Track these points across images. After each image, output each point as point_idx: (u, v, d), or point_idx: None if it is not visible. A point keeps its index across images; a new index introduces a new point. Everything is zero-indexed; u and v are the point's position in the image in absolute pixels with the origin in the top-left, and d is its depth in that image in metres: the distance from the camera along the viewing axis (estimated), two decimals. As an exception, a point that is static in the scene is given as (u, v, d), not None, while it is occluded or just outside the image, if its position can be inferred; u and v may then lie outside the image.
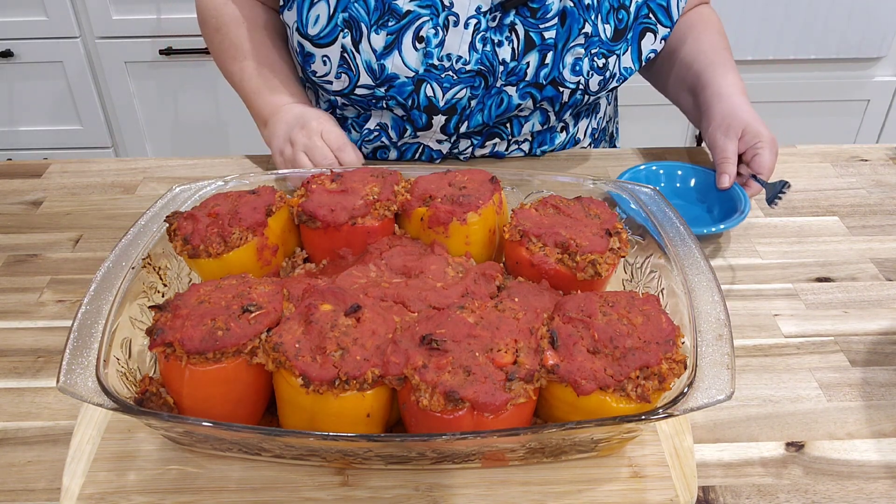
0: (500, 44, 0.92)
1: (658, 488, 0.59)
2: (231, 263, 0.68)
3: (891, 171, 1.06)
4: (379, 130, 1.00)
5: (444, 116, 0.95)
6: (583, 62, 0.94)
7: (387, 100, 0.94)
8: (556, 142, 1.04)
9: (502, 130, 1.00)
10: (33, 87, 2.05)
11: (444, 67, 0.92)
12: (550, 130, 1.03)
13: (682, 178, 0.99)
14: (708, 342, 0.57)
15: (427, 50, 0.91)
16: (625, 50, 0.97)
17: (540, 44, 0.93)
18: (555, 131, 1.04)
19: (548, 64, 0.93)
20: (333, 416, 0.54)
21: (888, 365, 0.73)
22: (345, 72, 0.94)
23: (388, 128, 0.99)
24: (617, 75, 0.98)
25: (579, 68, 0.94)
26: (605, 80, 0.97)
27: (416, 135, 0.99)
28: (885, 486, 0.62)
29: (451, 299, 0.62)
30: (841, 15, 1.93)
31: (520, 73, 0.93)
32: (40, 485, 0.62)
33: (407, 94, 0.93)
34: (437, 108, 0.94)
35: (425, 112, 0.94)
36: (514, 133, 1.00)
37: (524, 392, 0.54)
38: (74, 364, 0.54)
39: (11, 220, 0.96)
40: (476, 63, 0.92)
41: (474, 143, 1.01)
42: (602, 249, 0.66)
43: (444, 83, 0.92)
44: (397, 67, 0.92)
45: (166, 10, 1.93)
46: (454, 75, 0.92)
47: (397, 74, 0.92)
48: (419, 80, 0.92)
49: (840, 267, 0.87)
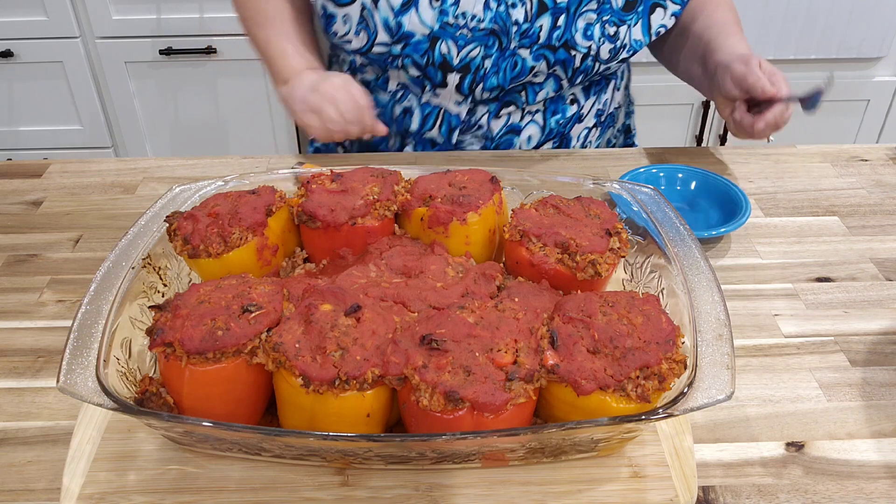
0: (514, 5, 0.95)
1: (658, 488, 0.59)
2: (231, 263, 0.68)
3: (891, 171, 1.06)
4: (403, 89, 1.03)
5: (459, 74, 0.98)
6: (594, 27, 0.97)
7: (403, 58, 0.97)
8: (567, 113, 1.06)
9: (517, 99, 1.02)
10: (33, 87, 2.05)
11: (459, 25, 0.95)
12: (562, 100, 1.05)
13: (683, 181, 0.99)
14: (708, 342, 0.57)
15: (442, 8, 0.94)
16: (636, 21, 1.00)
17: (552, 7, 0.96)
18: (565, 102, 1.06)
19: (560, 26, 0.96)
20: (333, 416, 0.54)
21: (888, 365, 0.73)
22: (363, 29, 0.97)
23: (408, 86, 1.03)
24: (627, 46, 1.01)
25: (591, 33, 0.97)
26: (616, 49, 0.99)
27: (435, 92, 1.01)
28: (885, 486, 0.62)
29: (451, 299, 0.62)
30: (841, 15, 1.93)
31: (533, 36, 0.96)
32: (40, 485, 0.62)
33: (422, 51, 0.96)
34: (451, 66, 0.97)
35: (440, 69, 0.97)
36: (528, 100, 1.02)
37: (524, 392, 0.54)
38: (74, 364, 0.54)
39: (11, 220, 0.96)
40: (490, 22, 0.95)
41: (491, 110, 1.03)
42: (602, 249, 0.66)
43: (459, 41, 0.95)
44: (413, 25, 0.95)
45: (166, 10, 1.93)
46: (468, 33, 0.95)
47: (413, 32, 0.95)
48: (434, 37, 0.95)
49: (840, 267, 0.87)
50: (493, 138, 1.06)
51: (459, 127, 1.04)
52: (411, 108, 1.04)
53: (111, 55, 1.99)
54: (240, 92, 2.05)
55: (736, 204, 0.92)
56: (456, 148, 1.07)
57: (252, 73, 2.02)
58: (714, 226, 0.90)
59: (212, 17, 1.94)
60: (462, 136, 1.05)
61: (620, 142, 1.25)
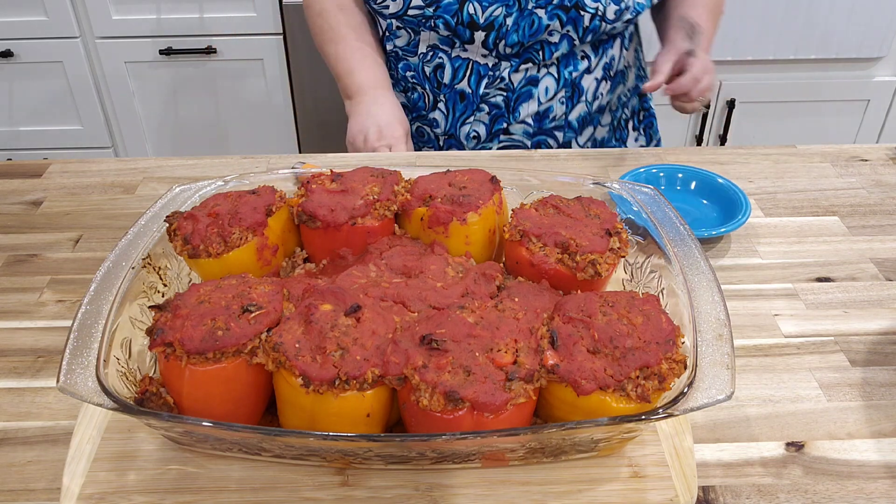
0: None
1: (658, 488, 0.59)
2: (231, 263, 0.68)
3: (891, 171, 1.06)
4: (433, 50, 1.16)
5: (484, 32, 1.10)
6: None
7: (435, 18, 1.10)
8: (579, 67, 1.17)
9: (535, 56, 1.14)
10: (33, 87, 2.05)
11: None
12: (574, 56, 1.17)
13: (683, 181, 0.99)
14: (708, 342, 0.57)
15: None
16: None
17: None
18: (577, 58, 1.17)
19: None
20: (333, 416, 0.54)
21: (888, 365, 0.73)
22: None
23: (438, 46, 1.15)
24: (631, 7, 1.13)
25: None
26: (621, 10, 1.12)
27: (464, 48, 1.14)
28: (885, 486, 0.62)
29: (451, 299, 0.62)
30: (841, 15, 1.93)
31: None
32: (40, 485, 0.62)
33: (452, 12, 1.09)
34: (477, 24, 1.10)
35: (468, 27, 1.10)
36: (545, 57, 1.14)
37: (524, 392, 0.54)
38: (74, 364, 0.54)
39: (11, 220, 0.96)
40: None
41: (512, 64, 1.14)
42: (602, 249, 0.66)
43: (484, 2, 1.08)
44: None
45: (166, 10, 1.93)
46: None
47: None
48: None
49: (840, 267, 0.87)
50: (514, 90, 1.16)
51: (486, 77, 1.15)
52: (443, 64, 1.16)
53: (111, 55, 1.99)
54: (240, 92, 2.05)
55: (736, 204, 0.92)
56: (482, 100, 1.17)
57: (252, 73, 2.02)
58: (714, 226, 0.90)
59: (212, 17, 1.94)
60: (487, 88, 1.16)
61: (634, 103, 1.32)
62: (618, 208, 0.75)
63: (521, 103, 1.17)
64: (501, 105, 1.17)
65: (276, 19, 1.95)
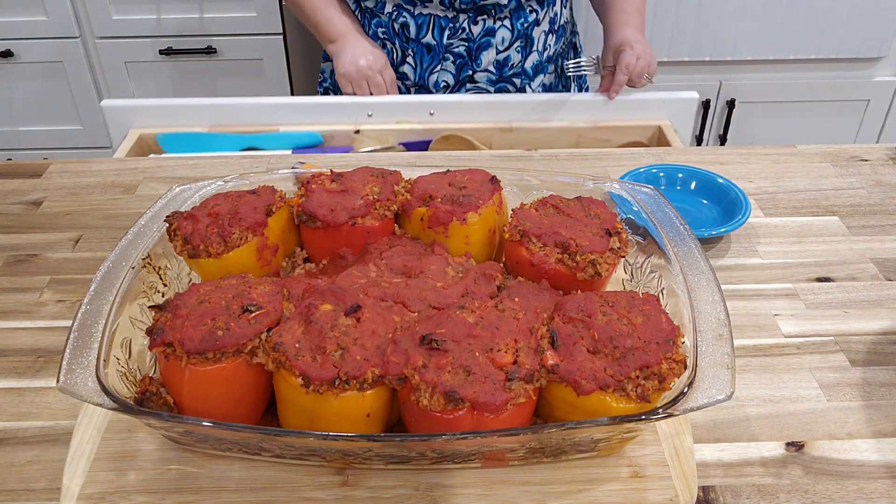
0: None
1: (658, 488, 0.59)
2: (231, 263, 0.68)
3: (891, 171, 1.06)
4: (398, 10, 1.28)
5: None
6: None
7: None
8: (528, 19, 1.31)
9: (488, 9, 1.26)
10: (33, 87, 2.05)
11: None
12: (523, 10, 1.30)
13: (683, 181, 0.99)
14: (708, 342, 0.57)
15: None
16: None
17: None
18: (526, 11, 1.30)
19: None
20: (333, 416, 0.54)
21: (888, 365, 0.73)
22: None
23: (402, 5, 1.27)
24: None
25: None
26: None
27: (425, 5, 1.26)
28: (885, 486, 0.62)
29: (451, 299, 0.62)
30: (841, 15, 1.93)
31: None
32: (40, 485, 0.62)
33: None
34: None
35: None
36: (497, 10, 1.27)
37: (524, 392, 0.54)
38: (74, 364, 0.54)
39: (11, 220, 0.96)
40: None
41: (470, 16, 1.27)
42: (602, 249, 0.66)
43: None
44: None
45: (166, 10, 1.93)
46: None
47: None
48: None
49: (840, 267, 0.87)
50: (473, 39, 1.29)
51: (447, 28, 1.27)
52: (407, 22, 1.28)
53: (111, 55, 1.99)
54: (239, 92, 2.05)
55: (736, 204, 0.92)
56: (447, 50, 1.29)
57: (252, 73, 2.02)
58: (714, 226, 0.90)
59: (212, 17, 1.94)
60: (450, 39, 1.28)
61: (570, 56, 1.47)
62: (618, 208, 0.75)
63: (482, 52, 1.29)
64: (464, 55, 1.29)
65: (276, 19, 1.95)
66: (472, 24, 1.28)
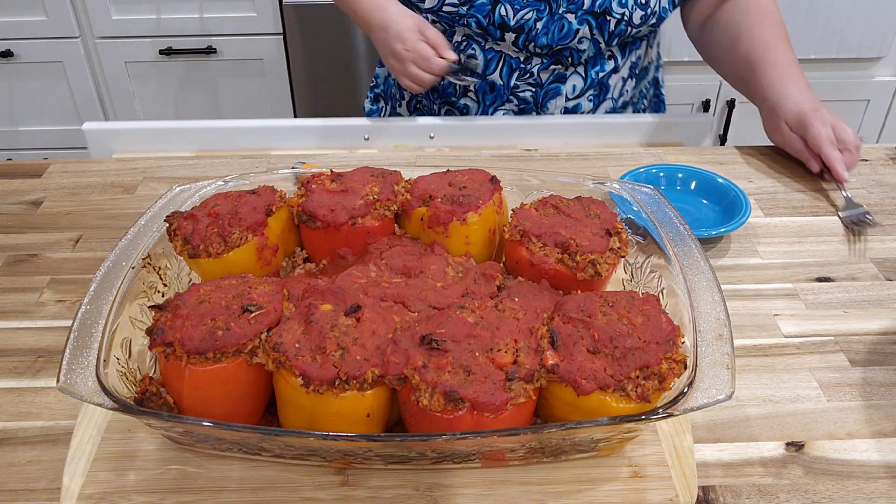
0: None
1: (658, 488, 0.59)
2: (231, 263, 0.68)
3: (891, 171, 1.06)
4: (467, 41, 1.18)
5: (514, 34, 1.12)
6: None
7: (468, 17, 1.12)
8: (606, 67, 1.20)
9: (563, 60, 1.17)
10: (33, 87, 2.05)
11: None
12: (601, 56, 1.20)
13: (683, 181, 0.99)
14: (708, 342, 0.57)
15: None
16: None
17: None
18: (604, 58, 1.20)
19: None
20: (333, 416, 0.54)
21: (888, 365, 0.73)
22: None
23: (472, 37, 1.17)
24: (656, 13, 1.15)
25: (625, 1, 1.11)
26: (647, 15, 1.13)
27: (496, 43, 1.16)
28: (885, 486, 0.62)
29: (451, 299, 0.62)
30: (841, 15, 1.93)
31: (577, 2, 1.11)
32: (40, 485, 0.62)
33: (485, 12, 1.11)
34: (508, 26, 1.12)
35: (499, 28, 1.12)
36: (573, 60, 1.17)
37: (524, 392, 0.54)
38: (74, 364, 0.54)
39: (11, 220, 0.96)
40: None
41: (543, 62, 1.17)
42: (602, 249, 0.66)
43: (515, 5, 1.10)
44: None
45: (166, 10, 1.93)
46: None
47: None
48: (495, 1, 1.10)
49: (840, 267, 0.87)
50: (542, 85, 1.20)
51: (517, 70, 1.18)
52: (475, 55, 1.18)
53: (111, 55, 2.00)
54: (240, 92, 2.05)
55: (736, 204, 0.92)
56: (512, 92, 1.20)
57: (252, 73, 2.02)
58: (714, 226, 0.90)
59: (212, 17, 1.94)
60: (517, 80, 1.19)
61: (651, 93, 1.36)
62: (618, 208, 0.75)
63: (549, 99, 1.20)
64: (530, 100, 1.20)
65: (276, 19, 1.95)
66: (543, 69, 1.17)
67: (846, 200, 0.96)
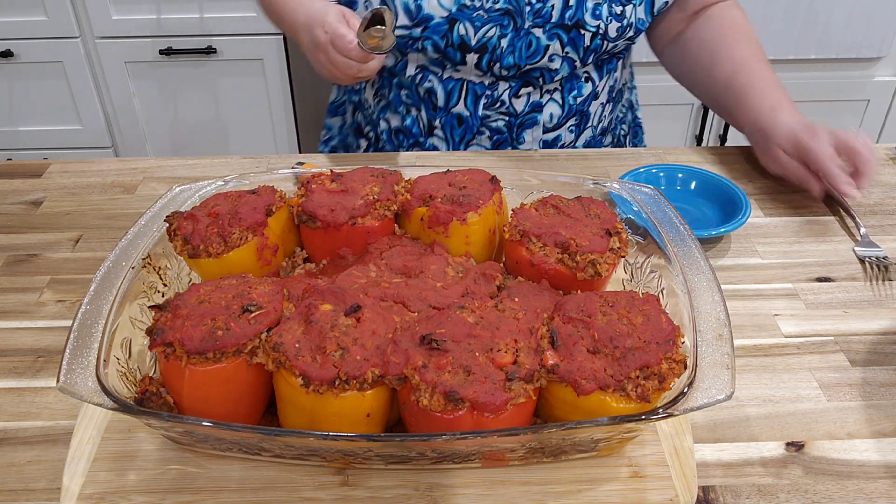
0: None
1: (658, 488, 0.59)
2: (231, 263, 0.68)
3: (891, 171, 1.06)
4: (422, 71, 1.07)
5: (477, 55, 1.02)
6: (602, 7, 1.02)
7: (423, 40, 1.02)
8: (583, 91, 1.10)
9: (534, 81, 1.06)
10: (33, 87, 2.05)
11: (475, 7, 1.00)
12: (577, 78, 1.10)
13: (683, 181, 0.99)
14: (708, 342, 0.57)
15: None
16: (640, 1, 1.05)
17: None
18: (581, 80, 1.10)
19: (571, 6, 1.01)
20: (333, 416, 0.54)
21: (888, 365, 0.73)
22: None
23: (428, 67, 1.07)
24: (633, 25, 1.06)
25: (599, 12, 1.02)
26: (623, 27, 1.05)
27: (456, 68, 1.05)
28: (885, 486, 0.62)
29: (451, 299, 0.62)
30: (841, 15, 1.93)
31: (545, 15, 1.01)
32: (40, 485, 0.62)
33: (442, 33, 1.01)
34: (469, 47, 1.02)
35: (459, 50, 1.02)
36: (545, 81, 1.07)
37: (524, 392, 0.54)
38: (74, 364, 0.54)
39: (11, 220, 0.96)
40: (504, 2, 1.00)
41: (511, 86, 1.06)
42: (602, 249, 0.66)
43: (476, 22, 1.00)
44: (432, 7, 1.00)
45: (166, 10, 1.93)
46: (484, 14, 1.00)
47: (432, 14, 1.00)
48: (452, 19, 1.00)
49: (840, 267, 0.87)
50: (516, 115, 1.09)
51: (483, 96, 1.07)
52: (433, 87, 1.08)
53: (111, 55, 1.99)
54: (240, 92, 2.05)
55: (736, 204, 0.92)
56: (483, 123, 1.09)
57: (252, 73, 2.02)
58: (714, 226, 0.90)
59: (212, 17, 1.94)
60: (487, 110, 1.08)
61: (629, 117, 1.28)
62: (618, 208, 0.75)
63: (524, 129, 1.10)
64: (504, 130, 1.10)
65: (276, 19, 1.95)
66: (514, 96, 1.06)
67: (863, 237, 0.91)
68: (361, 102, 1.23)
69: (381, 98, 1.16)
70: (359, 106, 1.24)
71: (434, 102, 1.09)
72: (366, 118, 1.22)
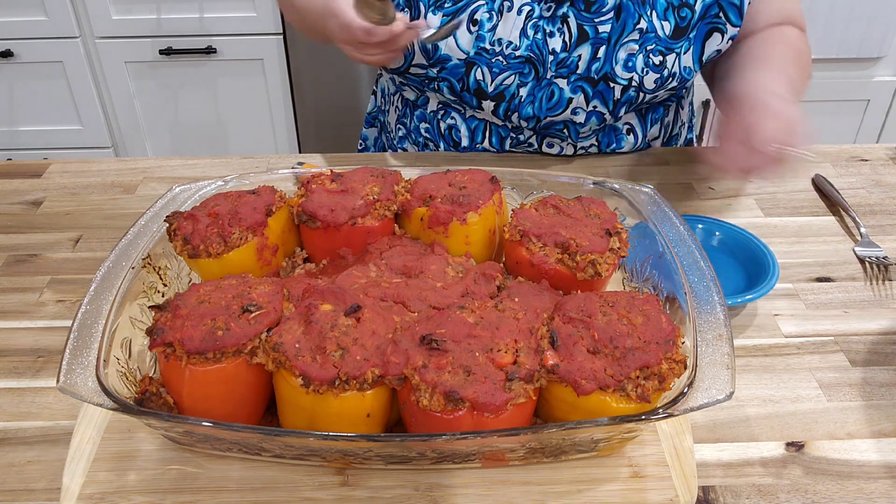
0: (552, 34, 0.94)
1: (658, 488, 0.59)
2: (231, 263, 0.68)
3: (891, 171, 1.06)
4: (444, 108, 1.03)
5: (493, 102, 0.97)
6: (636, 58, 0.94)
7: (439, 81, 0.98)
8: (622, 144, 1.02)
9: (559, 134, 0.99)
10: (33, 87, 2.05)
11: (495, 52, 0.95)
12: (615, 131, 1.02)
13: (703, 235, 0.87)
14: (708, 342, 0.57)
15: (479, 33, 0.94)
16: (686, 49, 0.95)
17: (593, 37, 0.93)
18: (621, 132, 1.02)
19: (599, 58, 0.94)
20: (333, 416, 0.54)
21: (888, 365, 0.73)
22: None
23: (449, 105, 1.02)
24: (676, 74, 0.96)
25: (632, 64, 0.93)
26: (663, 78, 0.95)
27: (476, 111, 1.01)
28: (885, 486, 0.62)
29: (451, 299, 0.62)
30: (841, 15, 1.93)
31: (571, 66, 0.94)
32: (40, 485, 0.62)
33: (458, 76, 0.96)
34: (485, 93, 0.96)
35: (475, 95, 0.97)
36: (571, 136, 0.99)
37: (524, 392, 0.54)
38: (74, 364, 0.54)
39: (11, 220, 0.96)
40: (526, 49, 0.94)
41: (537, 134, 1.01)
42: (602, 249, 0.66)
43: (494, 68, 0.95)
44: (450, 49, 0.95)
45: (166, 10, 1.93)
46: (504, 60, 0.95)
47: (449, 56, 0.95)
48: (469, 62, 0.95)
49: (840, 267, 0.87)
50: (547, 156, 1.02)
51: (510, 139, 1.02)
52: (456, 125, 1.03)
53: (111, 55, 1.99)
54: (240, 92, 2.05)
55: (761, 264, 0.81)
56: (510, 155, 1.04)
57: (252, 73, 2.02)
58: (738, 292, 0.78)
59: (212, 17, 1.94)
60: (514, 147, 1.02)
61: None
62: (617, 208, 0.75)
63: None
64: None
65: (276, 19, 1.95)
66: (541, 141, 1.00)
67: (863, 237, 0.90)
68: (385, 125, 1.20)
69: (401, 126, 1.13)
70: (384, 127, 1.21)
71: (456, 140, 1.04)
72: (388, 140, 1.20)
